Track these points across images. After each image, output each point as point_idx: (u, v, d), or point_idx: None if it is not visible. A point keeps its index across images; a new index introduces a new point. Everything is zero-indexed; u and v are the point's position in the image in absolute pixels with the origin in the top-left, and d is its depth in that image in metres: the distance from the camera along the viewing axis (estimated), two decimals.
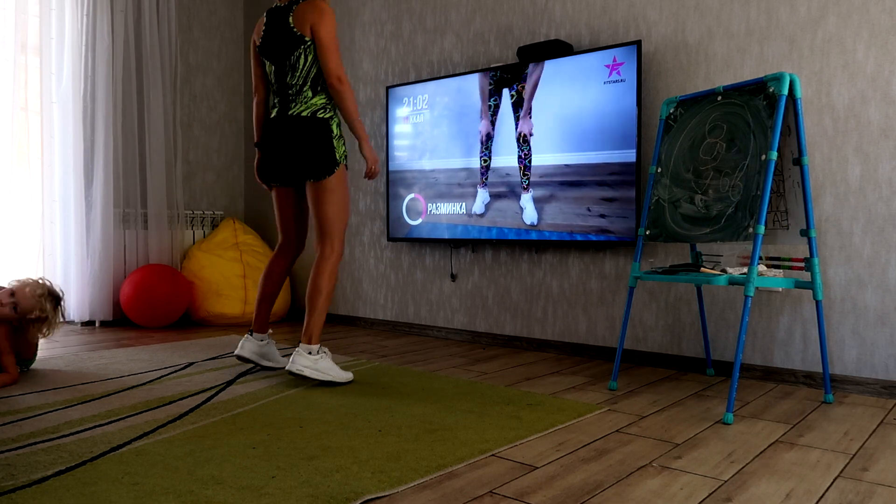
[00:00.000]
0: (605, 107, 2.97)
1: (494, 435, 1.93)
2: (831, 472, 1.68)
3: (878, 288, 2.46)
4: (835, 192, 2.54)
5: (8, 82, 3.87)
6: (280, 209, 2.75)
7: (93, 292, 4.07)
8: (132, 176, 4.30)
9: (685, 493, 1.53)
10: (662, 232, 2.46)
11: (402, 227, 3.79)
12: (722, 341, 2.81)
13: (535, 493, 1.52)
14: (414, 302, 3.94)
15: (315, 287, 2.54)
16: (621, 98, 2.92)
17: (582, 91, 3.04)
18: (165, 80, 4.40)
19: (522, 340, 3.43)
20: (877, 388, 2.45)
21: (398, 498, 1.49)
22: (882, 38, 2.44)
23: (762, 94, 2.25)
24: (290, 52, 2.53)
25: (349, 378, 2.56)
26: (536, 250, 3.37)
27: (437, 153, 3.61)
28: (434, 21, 3.81)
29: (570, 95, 3.08)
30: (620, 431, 2.00)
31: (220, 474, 1.60)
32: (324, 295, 2.53)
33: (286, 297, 4.45)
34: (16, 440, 1.85)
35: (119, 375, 2.70)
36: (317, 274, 2.55)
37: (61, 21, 4.04)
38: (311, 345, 2.50)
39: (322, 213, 2.55)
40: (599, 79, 2.99)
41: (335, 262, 2.57)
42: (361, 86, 4.21)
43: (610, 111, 2.95)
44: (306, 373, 2.46)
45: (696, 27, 2.86)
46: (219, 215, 4.81)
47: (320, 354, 2.51)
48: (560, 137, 3.11)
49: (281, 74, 2.57)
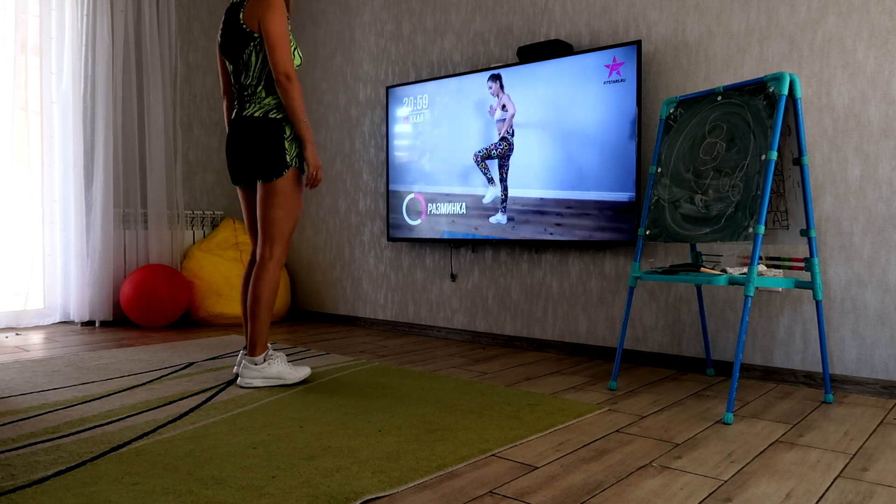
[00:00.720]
0: (605, 107, 2.97)
1: (494, 435, 1.93)
2: (831, 472, 1.68)
3: (878, 288, 2.46)
4: (835, 192, 2.54)
5: (8, 82, 3.87)
6: (245, 212, 2.67)
7: (93, 292, 4.07)
8: (132, 176, 4.30)
9: (685, 493, 1.53)
10: (662, 232, 2.46)
11: (403, 227, 3.79)
12: (722, 341, 2.81)
13: (535, 493, 1.52)
14: (414, 302, 3.94)
15: (253, 295, 2.46)
16: (621, 98, 2.92)
17: (582, 91, 3.04)
18: (165, 80, 4.40)
19: (522, 340, 3.43)
20: (877, 388, 2.45)
21: (398, 498, 1.49)
22: (882, 38, 2.44)
23: (762, 94, 2.25)
24: (242, 51, 2.45)
25: (302, 376, 2.53)
26: (536, 250, 3.37)
27: (437, 153, 3.61)
28: (434, 21, 3.81)
29: (569, 96, 3.08)
30: (620, 431, 2.00)
31: (220, 474, 1.60)
32: (262, 303, 2.45)
33: (286, 297, 4.45)
34: (16, 440, 1.85)
35: (119, 375, 2.70)
36: (254, 281, 2.46)
37: (61, 21, 4.04)
38: (255, 356, 2.48)
39: (266, 216, 2.45)
40: (599, 79, 2.99)
41: (274, 268, 2.47)
42: (361, 86, 4.21)
43: (610, 111, 2.96)
44: (256, 384, 2.47)
45: (696, 27, 2.86)
46: (219, 215, 4.81)
47: (267, 361, 2.49)
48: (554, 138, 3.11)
49: (237, 74, 2.50)
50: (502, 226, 3.33)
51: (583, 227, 3.04)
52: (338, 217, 4.37)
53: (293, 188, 2.47)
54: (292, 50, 2.44)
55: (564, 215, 3.10)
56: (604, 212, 2.98)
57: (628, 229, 2.92)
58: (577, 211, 3.07)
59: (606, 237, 2.98)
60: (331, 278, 4.42)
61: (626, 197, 2.91)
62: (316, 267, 4.52)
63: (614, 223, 2.95)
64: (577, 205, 3.06)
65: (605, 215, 2.98)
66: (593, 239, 3.02)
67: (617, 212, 2.94)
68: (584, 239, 3.04)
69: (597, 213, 3.00)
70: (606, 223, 2.98)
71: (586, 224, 3.04)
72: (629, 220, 2.92)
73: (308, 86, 4.56)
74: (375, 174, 4.14)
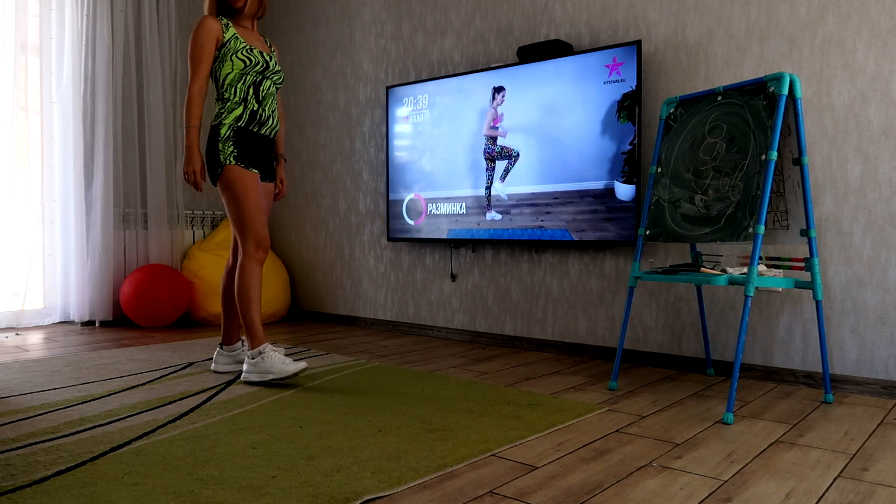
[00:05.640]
0: (604, 106, 2.97)
1: (494, 435, 1.93)
2: (831, 472, 1.68)
3: (878, 288, 2.46)
4: (835, 192, 2.54)
5: (8, 82, 3.87)
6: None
7: (93, 292, 4.07)
8: (132, 176, 4.30)
9: (685, 493, 1.53)
10: (662, 232, 2.46)
11: (403, 227, 3.79)
12: (722, 341, 2.81)
13: (535, 493, 1.52)
14: (414, 302, 3.94)
15: (237, 292, 2.59)
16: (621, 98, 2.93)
17: (582, 91, 3.04)
18: (165, 80, 4.40)
19: (522, 340, 3.43)
20: (877, 388, 2.45)
21: (398, 498, 1.49)
22: (882, 38, 2.44)
23: (762, 94, 2.25)
24: None
25: (293, 370, 2.53)
26: (536, 250, 3.37)
27: (437, 153, 3.61)
28: (434, 21, 3.81)
29: (569, 96, 3.08)
30: (620, 431, 2.00)
31: (220, 474, 1.60)
32: (245, 298, 2.57)
33: (286, 297, 4.45)
34: (16, 440, 1.85)
35: (119, 375, 2.70)
36: (236, 278, 2.60)
37: (61, 21, 4.04)
38: (251, 350, 2.58)
39: (229, 216, 2.62)
40: (599, 79, 2.99)
41: (248, 263, 2.58)
42: (361, 86, 4.21)
43: (610, 111, 2.96)
44: (252, 378, 2.55)
45: (696, 27, 2.86)
46: (219, 215, 4.81)
47: (259, 357, 2.54)
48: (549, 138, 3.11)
49: None
50: (497, 221, 3.33)
51: (568, 212, 3.05)
52: (338, 217, 4.37)
53: (238, 184, 2.58)
54: (230, 56, 2.58)
55: (552, 205, 3.11)
56: (600, 200, 2.98)
57: (626, 219, 2.92)
58: (564, 200, 3.07)
59: (607, 236, 2.98)
60: (331, 278, 4.42)
61: (621, 188, 2.92)
62: (316, 267, 4.52)
63: (611, 214, 2.96)
64: (564, 195, 3.06)
65: (606, 206, 2.98)
66: (592, 233, 3.02)
67: (614, 204, 2.94)
68: (571, 223, 3.05)
69: (593, 201, 3.01)
70: (605, 215, 2.98)
71: (584, 216, 3.04)
72: (629, 210, 2.92)
73: (308, 86, 4.56)
74: (375, 174, 4.14)
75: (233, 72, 2.58)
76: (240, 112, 2.59)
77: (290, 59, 4.69)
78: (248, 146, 2.61)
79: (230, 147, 2.58)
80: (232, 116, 2.59)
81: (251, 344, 2.56)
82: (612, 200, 2.97)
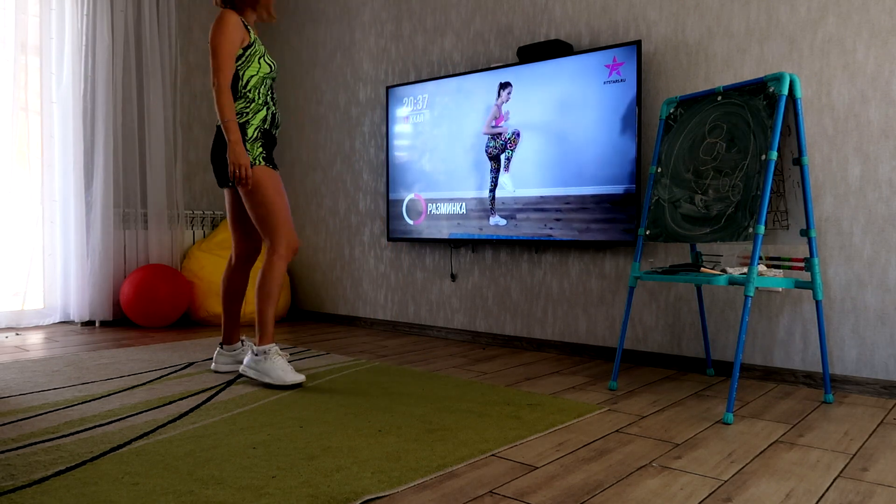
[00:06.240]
0: (605, 107, 2.97)
1: (494, 435, 1.93)
2: (831, 472, 1.68)
3: (878, 288, 2.46)
4: (835, 192, 2.54)
5: (8, 82, 3.87)
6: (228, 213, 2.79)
7: (93, 292, 4.07)
8: (132, 176, 4.30)
9: (685, 493, 1.53)
10: (662, 232, 2.46)
11: (403, 227, 3.79)
12: (722, 341, 2.81)
13: (535, 493, 1.52)
14: (414, 302, 3.94)
15: (260, 288, 2.57)
16: (621, 98, 2.92)
17: (582, 91, 3.04)
18: (165, 80, 4.40)
19: (522, 340, 3.43)
20: (877, 388, 2.45)
21: (398, 498, 1.49)
22: (882, 38, 2.44)
23: (762, 94, 2.25)
24: None
25: (290, 382, 2.49)
26: (537, 250, 3.37)
27: (437, 153, 3.61)
28: (434, 21, 3.81)
29: (568, 96, 3.08)
30: (620, 431, 2.00)
31: (220, 474, 1.60)
32: (267, 294, 2.55)
33: (287, 297, 4.45)
34: (16, 440, 1.85)
35: (119, 375, 2.70)
36: (262, 274, 2.58)
37: (61, 21, 4.04)
38: (256, 346, 2.58)
39: (252, 216, 2.58)
40: (599, 79, 2.99)
41: (278, 262, 2.56)
42: (361, 86, 4.21)
43: (610, 111, 2.95)
44: (250, 374, 2.55)
45: (696, 27, 2.86)
46: (219, 215, 4.81)
47: (263, 356, 2.53)
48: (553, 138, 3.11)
49: None
50: (501, 226, 3.33)
51: (581, 220, 3.04)
52: (338, 217, 4.37)
53: (266, 184, 2.54)
54: (257, 59, 2.56)
55: (563, 210, 3.11)
56: (601, 205, 2.98)
57: (626, 220, 2.92)
58: (575, 206, 3.07)
59: (607, 236, 2.98)
60: (331, 278, 4.42)
61: (623, 189, 2.91)
62: (316, 267, 4.52)
63: (612, 213, 2.95)
64: (576, 200, 3.06)
65: (603, 208, 2.98)
66: (592, 232, 3.02)
67: (615, 205, 2.94)
68: (583, 231, 3.04)
69: (594, 206, 3.00)
70: (604, 215, 2.98)
71: (584, 217, 3.04)
72: (628, 212, 2.91)
73: (308, 86, 4.56)
74: (375, 174, 4.14)
75: (257, 74, 2.57)
76: (264, 114, 2.59)
77: (290, 59, 4.69)
78: (269, 147, 2.62)
79: (259, 148, 2.56)
80: (258, 118, 2.57)
81: (260, 340, 2.55)
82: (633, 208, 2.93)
